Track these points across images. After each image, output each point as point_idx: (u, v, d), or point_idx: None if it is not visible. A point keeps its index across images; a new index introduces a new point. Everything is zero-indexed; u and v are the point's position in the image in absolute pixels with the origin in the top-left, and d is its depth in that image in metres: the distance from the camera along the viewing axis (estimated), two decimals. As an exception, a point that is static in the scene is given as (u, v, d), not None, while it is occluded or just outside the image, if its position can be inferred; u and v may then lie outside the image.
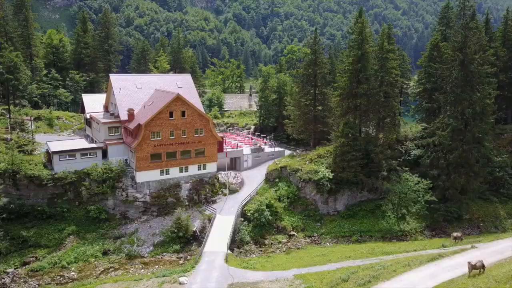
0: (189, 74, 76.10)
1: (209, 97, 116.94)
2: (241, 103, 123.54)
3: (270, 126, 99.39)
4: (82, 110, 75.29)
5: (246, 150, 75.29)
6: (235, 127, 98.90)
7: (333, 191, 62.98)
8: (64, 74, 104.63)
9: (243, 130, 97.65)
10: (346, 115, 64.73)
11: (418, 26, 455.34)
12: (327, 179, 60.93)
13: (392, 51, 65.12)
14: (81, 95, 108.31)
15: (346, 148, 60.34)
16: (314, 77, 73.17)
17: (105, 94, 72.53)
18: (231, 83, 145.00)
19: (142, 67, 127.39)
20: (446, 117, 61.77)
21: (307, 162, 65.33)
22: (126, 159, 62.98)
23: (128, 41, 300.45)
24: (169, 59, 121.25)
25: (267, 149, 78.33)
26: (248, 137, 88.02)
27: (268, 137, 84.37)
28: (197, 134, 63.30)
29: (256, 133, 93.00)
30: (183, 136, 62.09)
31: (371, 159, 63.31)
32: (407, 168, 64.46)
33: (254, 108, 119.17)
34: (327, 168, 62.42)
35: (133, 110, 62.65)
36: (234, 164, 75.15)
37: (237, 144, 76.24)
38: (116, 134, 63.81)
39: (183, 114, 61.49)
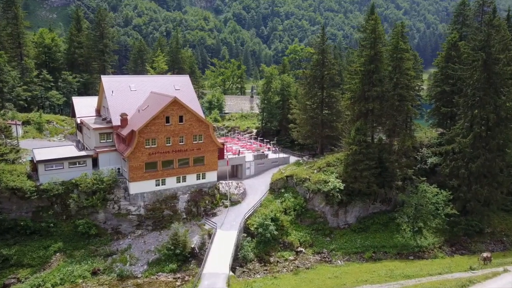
0: (188, 75, 71.10)
1: (209, 99, 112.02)
2: (242, 105, 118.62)
3: (273, 129, 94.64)
4: (73, 114, 70.20)
5: (249, 156, 70.29)
6: (236, 131, 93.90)
7: (343, 202, 57.96)
8: (56, 75, 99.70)
9: (244, 134, 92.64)
10: (357, 120, 59.62)
11: (420, 26, 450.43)
12: (337, 190, 55.86)
13: (406, 51, 60.05)
14: (74, 96, 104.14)
15: (358, 157, 55.28)
16: (321, 78, 68.11)
17: (98, 97, 67.38)
18: (231, 84, 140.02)
19: (139, 68, 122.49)
20: (466, 123, 56.72)
21: (315, 171, 60.25)
22: (118, 168, 57.90)
23: (126, 41, 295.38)
24: (167, 60, 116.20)
25: (271, 155, 73.25)
26: (250, 142, 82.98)
27: (271, 142, 79.23)
28: (196, 140, 58.28)
29: (258, 137, 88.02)
30: (181, 143, 57.07)
31: (385, 168, 58.25)
32: (424, 179, 59.38)
33: (256, 110, 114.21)
34: (337, 178, 57.32)
35: (126, 115, 57.61)
36: (236, 172, 70.12)
37: (239, 151, 71.15)
38: (108, 140, 58.72)
39: (180, 119, 56.46)
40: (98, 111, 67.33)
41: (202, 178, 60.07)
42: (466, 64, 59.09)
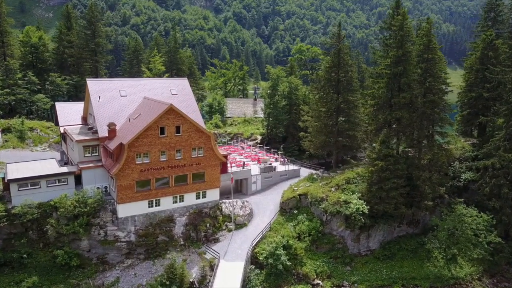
0: (186, 78, 63.18)
1: (209, 102, 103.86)
2: (245, 109, 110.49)
3: (279, 136, 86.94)
4: (57, 122, 62.20)
5: (255, 169, 62.48)
6: (239, 138, 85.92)
7: (366, 225, 50.07)
8: (45, 76, 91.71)
9: (248, 141, 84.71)
10: (381, 130, 51.73)
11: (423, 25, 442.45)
12: (360, 212, 47.93)
13: (437, 51, 52.15)
14: (64, 100, 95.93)
15: (385, 174, 47.42)
16: (337, 82, 60.16)
17: (84, 102, 59.38)
18: (233, 86, 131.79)
19: (134, 69, 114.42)
20: (509, 134, 48.85)
21: (332, 189, 52.32)
22: (106, 187, 49.97)
23: (124, 40, 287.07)
24: (165, 60, 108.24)
25: (279, 167, 65.34)
26: (256, 151, 75.05)
27: (279, 152, 71.30)
28: (195, 154, 50.39)
29: (264, 145, 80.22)
30: (178, 158, 49.18)
31: (414, 186, 50.39)
32: (462, 200, 51.47)
33: (260, 114, 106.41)
34: (359, 198, 49.40)
35: (115, 125, 49.66)
36: (240, 187, 62.30)
37: (244, 163, 63.23)
38: (93, 154, 50.75)
39: (177, 130, 48.57)
40: (84, 119, 59.42)
41: (203, 197, 52.21)
42: (505, 65, 51.27)
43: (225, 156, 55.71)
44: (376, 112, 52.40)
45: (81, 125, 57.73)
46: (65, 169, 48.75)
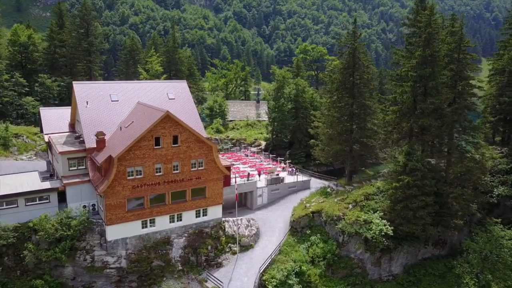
0: (185, 80, 57.33)
1: (210, 105, 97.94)
2: (247, 112, 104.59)
3: (285, 142, 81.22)
4: (42, 129, 56.26)
5: (260, 180, 56.71)
6: (242, 144, 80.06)
7: (388, 248, 44.13)
8: (34, 78, 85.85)
9: (252, 148, 78.92)
10: (404, 139, 45.84)
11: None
12: (383, 233, 42.02)
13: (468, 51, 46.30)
14: (55, 103, 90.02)
15: (411, 191, 41.54)
16: (352, 85, 54.25)
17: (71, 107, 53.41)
18: (234, 88, 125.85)
19: (131, 70, 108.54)
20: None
21: (350, 206, 46.41)
22: (94, 205, 44.08)
23: (122, 40, 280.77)
24: (163, 60, 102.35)
25: (288, 178, 59.50)
26: (261, 160, 69.26)
27: (287, 161, 65.44)
28: (195, 167, 44.54)
29: (269, 152, 74.51)
30: (175, 172, 43.32)
31: (443, 203, 44.52)
32: (498, 220, 45.63)
33: (263, 117, 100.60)
34: (382, 217, 43.48)
35: (104, 135, 43.79)
36: (245, 200, 56.56)
37: (249, 173, 57.37)
38: (80, 167, 44.84)
39: (175, 140, 42.71)
40: (72, 126, 53.51)
41: (203, 215, 46.35)
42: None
43: (228, 168, 49.86)
44: (399, 119, 46.48)
45: (68, 133, 51.80)
46: (47, 185, 42.80)
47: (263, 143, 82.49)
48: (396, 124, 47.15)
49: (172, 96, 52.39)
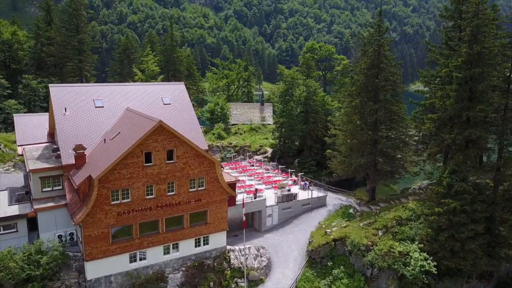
0: (182, 83, 49.70)
1: (211, 108, 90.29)
2: (251, 115, 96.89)
3: (293, 149, 73.98)
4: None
5: (269, 196, 49.23)
6: (246, 151, 72.51)
7: (428, 285, 36.55)
8: (18, 79, 78.42)
9: (256, 156, 71.42)
10: (440, 153, 38.24)
11: (429, 24, 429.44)
12: (425, 270, 34.45)
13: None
14: (43, 106, 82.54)
15: (459, 218, 33.98)
16: (375, 87, 46.69)
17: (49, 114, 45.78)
18: (236, 89, 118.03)
19: (125, 70, 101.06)
20: None
21: (379, 233, 38.86)
22: (71, 234, 36.55)
23: (120, 39, 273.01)
24: (160, 60, 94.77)
25: (301, 194, 51.87)
26: (268, 170, 61.78)
27: (299, 173, 57.89)
28: (194, 187, 37.03)
29: (277, 161, 67.20)
30: (170, 194, 35.80)
31: (490, 229, 37.00)
32: None
33: (268, 121, 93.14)
34: (421, 249, 35.87)
35: (84, 149, 36.22)
36: (251, 220, 49.03)
37: (256, 189, 49.78)
38: (55, 188, 37.31)
39: (169, 155, 35.18)
40: (52, 136, 45.84)
41: (204, 244, 38.85)
42: None
43: (233, 185, 42.32)
44: (438, 129, 38.91)
45: (47, 144, 44.13)
46: (13, 210, 35.23)
47: (269, 150, 75.09)
48: (435, 134, 39.54)
49: (168, 101, 44.82)
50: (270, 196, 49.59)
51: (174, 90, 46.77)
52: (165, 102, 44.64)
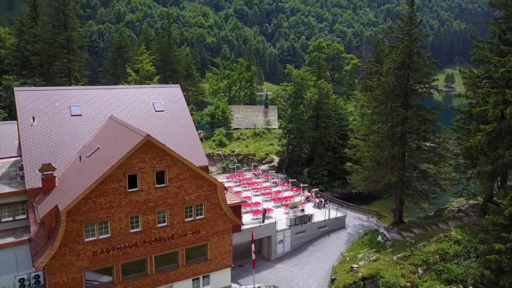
0: (178, 85, 42.35)
1: (211, 111, 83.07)
2: (254, 119, 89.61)
3: (303, 157, 67.10)
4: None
5: (280, 218, 42.02)
6: (252, 162, 65.24)
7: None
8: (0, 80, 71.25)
9: (261, 166, 64.27)
10: (495, 172, 30.96)
11: (433, 23, 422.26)
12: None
13: None
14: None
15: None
16: (405, 91, 39.44)
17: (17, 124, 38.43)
18: (238, 90, 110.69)
19: (119, 70, 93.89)
20: None
21: (419, 270, 31.52)
22: (37, 276, 29.16)
23: (113, 37, 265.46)
24: (156, 59, 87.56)
25: (317, 215, 44.54)
26: (276, 184, 54.62)
27: (314, 189, 50.58)
28: (191, 216, 29.71)
29: (285, 170, 60.25)
30: (161, 225, 28.48)
31: None
32: None
33: (273, 125, 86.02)
34: (476, 295, 28.70)
35: (53, 169, 28.87)
36: (259, 247, 41.82)
37: (265, 210, 42.48)
38: (18, 218, 30.02)
39: (160, 178, 27.82)
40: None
41: (204, 285, 31.50)
42: None
43: (238, 208, 35.10)
44: (491, 143, 31.70)
45: (16, 159, 36.83)
46: (-37, 247, 27.93)
47: (276, 159, 67.99)
48: (488, 149, 32.29)
49: (161, 107, 37.54)
50: (280, 218, 42.40)
51: (169, 94, 39.45)
52: (157, 108, 37.35)
